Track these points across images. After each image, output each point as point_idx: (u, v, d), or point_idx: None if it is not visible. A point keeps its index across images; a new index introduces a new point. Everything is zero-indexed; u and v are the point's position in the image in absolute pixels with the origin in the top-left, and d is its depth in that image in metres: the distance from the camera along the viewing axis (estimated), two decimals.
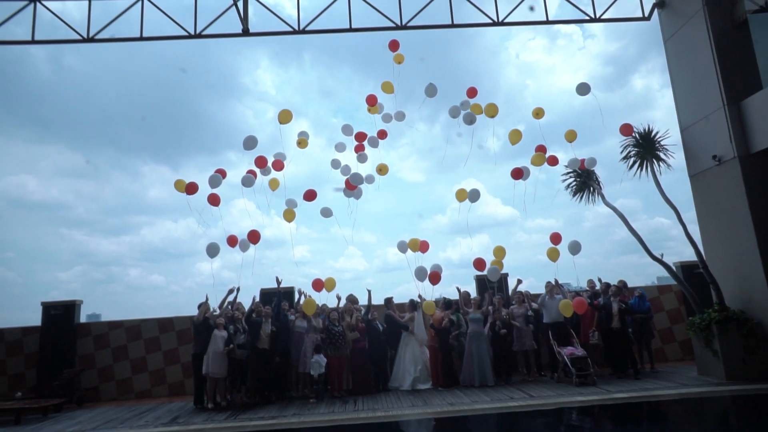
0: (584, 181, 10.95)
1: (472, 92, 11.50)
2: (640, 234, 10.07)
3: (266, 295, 11.01)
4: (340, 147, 11.48)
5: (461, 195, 10.79)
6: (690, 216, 10.43)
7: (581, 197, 11.04)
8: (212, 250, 9.90)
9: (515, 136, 10.89)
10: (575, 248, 9.98)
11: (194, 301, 9.76)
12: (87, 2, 11.77)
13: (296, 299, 10.69)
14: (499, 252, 10.53)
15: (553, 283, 10.20)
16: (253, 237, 10.31)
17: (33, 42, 11.72)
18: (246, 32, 11.71)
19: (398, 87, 11.58)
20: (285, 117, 11.09)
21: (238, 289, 9.95)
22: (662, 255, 9.83)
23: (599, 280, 10.56)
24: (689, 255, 10.30)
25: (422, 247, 10.73)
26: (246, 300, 10.07)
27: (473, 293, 11.45)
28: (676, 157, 10.39)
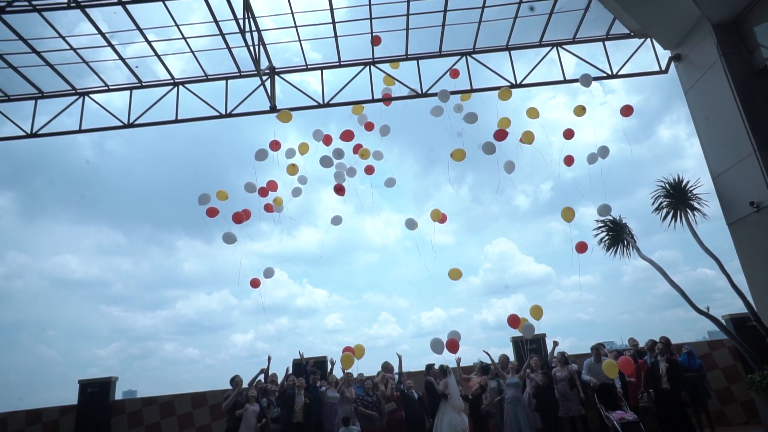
0: (617, 234, 10.72)
1: (501, 135, 11.56)
2: (683, 286, 9.69)
3: (298, 365, 10.83)
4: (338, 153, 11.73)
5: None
6: (735, 265, 10.00)
7: (615, 251, 10.76)
8: (229, 238, 10.79)
9: (527, 137, 11.23)
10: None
11: (228, 374, 9.68)
12: (128, 92, 12.72)
13: (328, 369, 10.48)
14: (536, 311, 10.21)
15: (601, 346, 9.76)
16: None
17: (80, 131, 12.62)
18: (273, 109, 12.33)
19: (423, 151, 11.99)
20: (285, 117, 11.47)
21: (269, 359, 9.85)
22: (708, 308, 9.37)
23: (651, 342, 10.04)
24: (739, 307, 9.76)
25: (442, 218, 11.06)
26: (279, 371, 9.95)
27: (511, 357, 11.01)
28: (710, 205, 10.14)
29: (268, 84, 12.38)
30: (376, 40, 11.79)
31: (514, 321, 10.14)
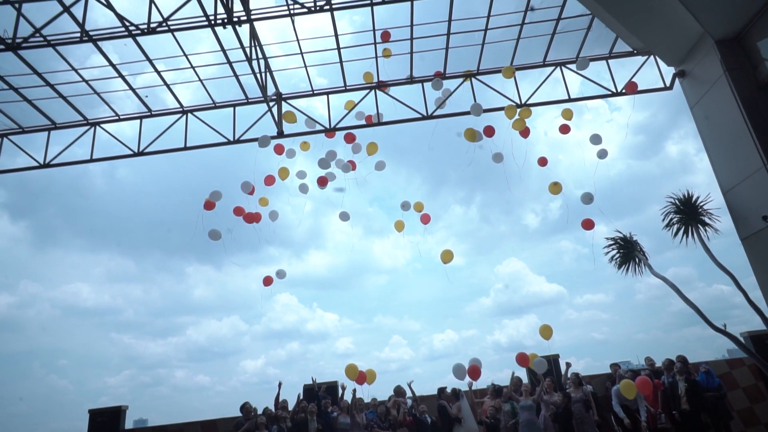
0: (628, 252, 10.60)
1: (489, 131, 11.61)
2: (698, 304, 9.51)
3: (309, 391, 10.71)
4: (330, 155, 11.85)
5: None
6: (751, 281, 9.82)
7: (627, 269, 10.63)
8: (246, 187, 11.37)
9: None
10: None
11: (239, 401, 9.58)
12: (138, 121, 12.95)
13: (339, 394, 10.34)
14: (546, 331, 10.05)
15: (617, 367, 9.58)
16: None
17: (92, 160, 12.83)
18: (281, 134, 12.48)
19: (431, 173, 12.07)
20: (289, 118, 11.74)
21: (280, 385, 9.75)
22: (725, 325, 9.17)
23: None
24: (758, 324, 9.54)
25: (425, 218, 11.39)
26: (290, 396, 9.83)
27: (525, 378, 10.80)
28: (722, 220, 10.02)
29: (275, 110, 12.55)
30: (384, 36, 11.57)
31: (523, 359, 9.89)
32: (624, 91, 12.49)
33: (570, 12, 11.62)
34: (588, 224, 11.01)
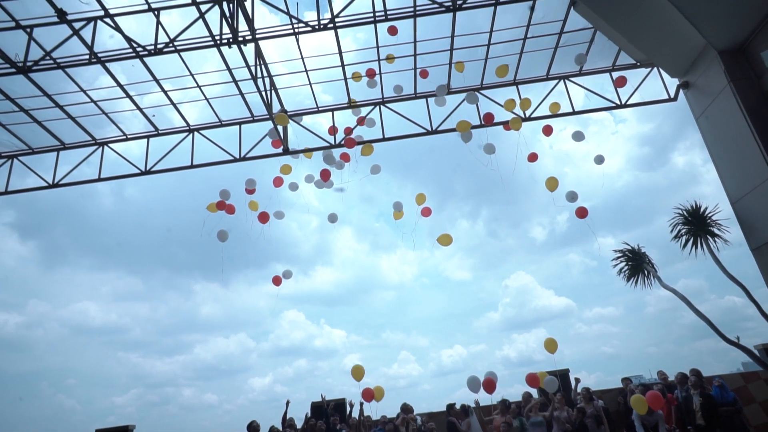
0: (637, 264, 10.51)
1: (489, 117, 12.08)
2: (710, 316, 9.41)
3: (318, 408, 10.61)
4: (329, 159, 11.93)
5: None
6: (763, 292, 9.66)
7: (636, 281, 10.53)
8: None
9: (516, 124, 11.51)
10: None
11: (246, 419, 9.49)
12: (145, 140, 13.10)
13: (347, 412, 10.24)
14: (551, 345, 9.89)
15: (628, 381, 9.40)
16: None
17: (99, 180, 12.95)
18: (286, 151, 12.56)
19: (437, 187, 12.21)
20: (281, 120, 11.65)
21: (288, 403, 9.67)
22: (738, 338, 9.04)
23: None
24: None
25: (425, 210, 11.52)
26: (298, 414, 9.73)
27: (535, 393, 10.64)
28: (732, 231, 9.93)
29: (280, 127, 12.64)
30: (369, 73, 12.02)
31: (533, 380, 9.72)
32: (615, 84, 12.52)
33: (572, 26, 11.69)
34: (582, 212, 11.21)
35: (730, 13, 9.62)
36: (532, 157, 11.77)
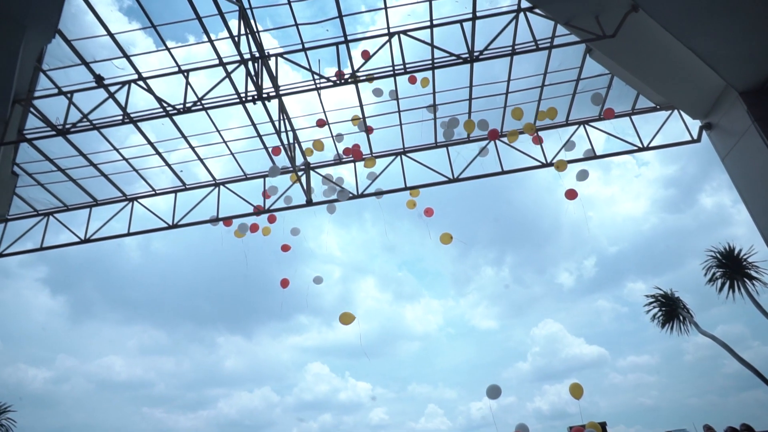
0: (671, 309, 10.11)
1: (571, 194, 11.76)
2: (755, 364, 8.91)
3: None
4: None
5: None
6: None
7: (671, 327, 10.10)
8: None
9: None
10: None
11: None
12: (173, 195, 13.48)
13: None
14: (576, 390, 9.41)
15: None
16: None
17: (129, 234, 13.27)
18: (309, 203, 12.73)
19: (460, 235, 12.12)
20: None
21: None
22: None
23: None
24: None
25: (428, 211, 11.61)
26: None
27: None
28: None
29: (303, 179, 12.88)
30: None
31: None
32: (604, 116, 12.45)
33: (589, 71, 11.82)
34: (571, 194, 11.32)
35: (748, 56, 9.59)
36: (571, 194, 11.63)
